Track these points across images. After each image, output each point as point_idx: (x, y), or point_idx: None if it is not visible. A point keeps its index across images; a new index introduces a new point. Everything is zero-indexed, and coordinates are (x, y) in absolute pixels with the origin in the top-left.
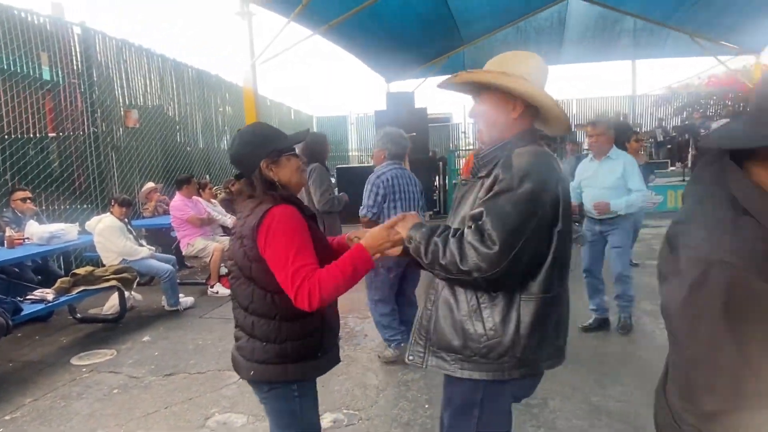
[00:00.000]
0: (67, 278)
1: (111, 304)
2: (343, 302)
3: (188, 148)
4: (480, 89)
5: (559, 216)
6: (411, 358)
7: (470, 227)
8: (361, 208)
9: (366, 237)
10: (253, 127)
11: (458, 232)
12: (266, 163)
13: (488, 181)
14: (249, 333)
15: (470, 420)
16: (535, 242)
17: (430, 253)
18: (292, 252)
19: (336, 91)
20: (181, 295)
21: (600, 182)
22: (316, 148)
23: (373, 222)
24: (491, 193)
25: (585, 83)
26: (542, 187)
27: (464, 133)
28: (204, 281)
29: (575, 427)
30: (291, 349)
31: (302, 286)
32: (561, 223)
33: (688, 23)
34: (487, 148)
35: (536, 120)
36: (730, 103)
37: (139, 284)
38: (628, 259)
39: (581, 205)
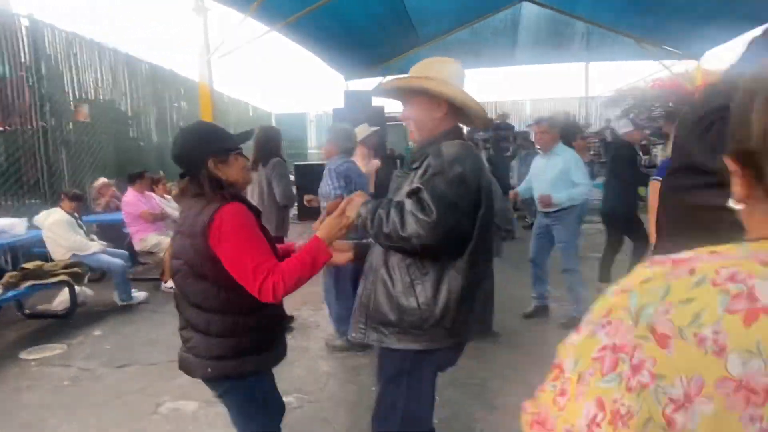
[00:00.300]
0: (15, 272)
1: (61, 300)
2: (297, 295)
3: (141, 144)
4: (408, 94)
5: (481, 201)
6: (353, 335)
7: (410, 199)
8: (334, 189)
9: (320, 229)
10: (197, 126)
11: (399, 203)
12: (214, 162)
13: (420, 170)
14: (203, 331)
15: (400, 387)
16: (463, 221)
17: (375, 224)
18: (249, 248)
19: (296, 88)
20: (133, 290)
21: (545, 176)
22: (272, 144)
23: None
24: (426, 176)
25: (542, 84)
26: (468, 172)
27: None
28: (158, 277)
29: (511, 404)
30: (248, 343)
31: (267, 280)
32: (483, 208)
33: (635, 29)
34: (419, 145)
35: (461, 118)
36: (672, 105)
37: (90, 280)
38: (574, 253)
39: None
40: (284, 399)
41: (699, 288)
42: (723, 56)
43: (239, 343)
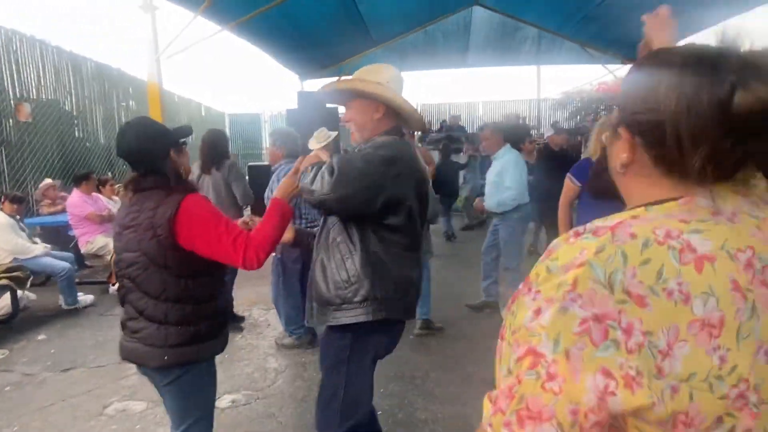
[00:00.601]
0: None
1: (1, 305)
2: (249, 295)
3: (88, 144)
4: (348, 97)
5: (406, 195)
6: (306, 322)
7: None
8: None
9: (278, 189)
10: (145, 121)
11: (324, 165)
12: (175, 154)
13: None
14: (160, 321)
15: (340, 374)
16: (366, 200)
17: (303, 177)
18: (221, 228)
19: (250, 87)
20: (80, 293)
21: (488, 179)
22: (221, 146)
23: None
24: None
25: (495, 86)
26: (392, 160)
27: None
28: (105, 280)
29: (450, 394)
30: (203, 329)
31: (248, 248)
32: (412, 200)
33: (579, 34)
34: (359, 145)
35: (401, 120)
36: (616, 107)
37: (33, 284)
38: (515, 252)
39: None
40: (232, 396)
41: (648, 249)
42: None
43: (197, 330)
